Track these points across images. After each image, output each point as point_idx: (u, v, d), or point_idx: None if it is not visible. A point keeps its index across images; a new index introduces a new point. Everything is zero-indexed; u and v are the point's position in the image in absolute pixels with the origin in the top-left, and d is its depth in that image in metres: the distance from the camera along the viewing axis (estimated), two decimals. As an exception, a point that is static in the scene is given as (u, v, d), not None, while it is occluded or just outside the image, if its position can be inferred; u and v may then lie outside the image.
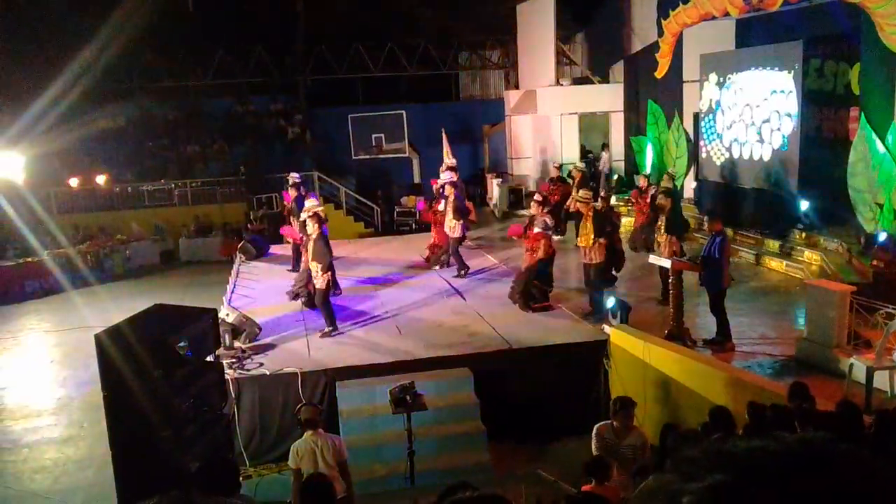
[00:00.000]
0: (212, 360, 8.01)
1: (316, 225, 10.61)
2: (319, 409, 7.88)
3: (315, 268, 10.57)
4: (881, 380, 7.99)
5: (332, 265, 10.79)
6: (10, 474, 9.24)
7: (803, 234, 14.00)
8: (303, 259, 12.04)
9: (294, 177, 14.88)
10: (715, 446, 0.72)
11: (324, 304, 10.66)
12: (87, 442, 9.54)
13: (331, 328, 10.67)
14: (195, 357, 7.21)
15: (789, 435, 0.71)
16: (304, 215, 11.13)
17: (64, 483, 8.86)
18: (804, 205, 14.04)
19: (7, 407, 11.21)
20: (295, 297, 12.29)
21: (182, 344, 6.91)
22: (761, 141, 15.18)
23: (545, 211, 11.44)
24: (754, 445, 0.70)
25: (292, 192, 14.50)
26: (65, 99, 18.59)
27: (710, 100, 16.85)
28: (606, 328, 9.95)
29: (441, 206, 14.02)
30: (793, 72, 14.12)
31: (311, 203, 11.97)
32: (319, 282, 10.55)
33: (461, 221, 13.52)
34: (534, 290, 11.29)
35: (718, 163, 16.69)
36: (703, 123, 17.24)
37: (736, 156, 16.06)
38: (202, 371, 7.41)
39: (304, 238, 11.42)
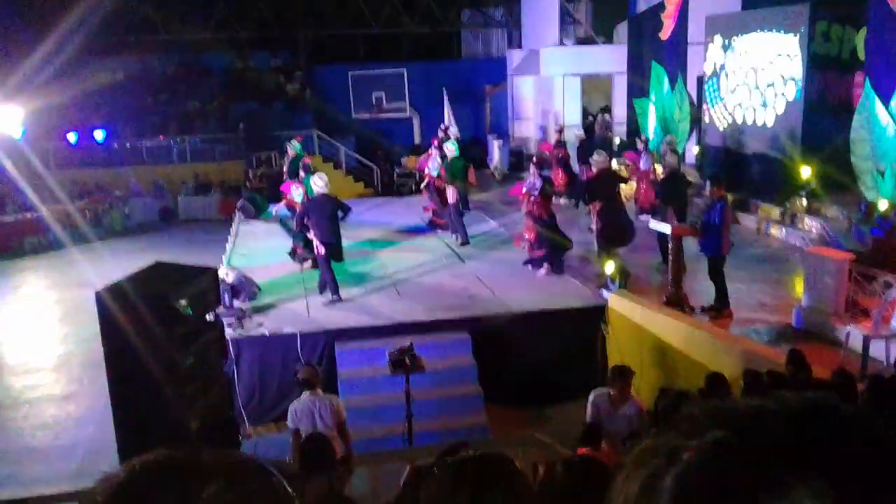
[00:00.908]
0: (212, 319, 8.04)
1: (316, 187, 10.45)
2: (318, 369, 7.92)
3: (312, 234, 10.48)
4: (877, 349, 8.04)
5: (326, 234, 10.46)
6: (11, 430, 9.35)
7: (804, 201, 13.98)
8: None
9: (295, 143, 14.95)
10: (715, 405, 0.73)
11: (326, 271, 10.48)
12: (87, 398, 9.63)
13: (333, 296, 10.46)
14: (195, 316, 7.23)
15: (790, 394, 0.71)
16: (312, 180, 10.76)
17: (64, 439, 8.97)
18: (806, 171, 13.99)
19: (7, 363, 11.30)
20: (293, 253, 12.33)
21: (182, 302, 6.93)
22: (765, 105, 15.07)
23: (540, 173, 11.67)
24: (755, 403, 0.70)
25: (290, 153, 14.56)
26: (62, 52, 18.38)
27: (715, 63, 16.67)
28: (605, 293, 9.99)
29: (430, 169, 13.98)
30: (798, 35, 13.97)
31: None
32: (318, 243, 10.44)
33: (453, 186, 13.42)
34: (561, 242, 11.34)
35: (721, 127, 16.58)
36: (706, 87, 17.09)
37: (739, 120, 15.95)
38: (202, 330, 7.44)
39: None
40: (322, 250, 10.25)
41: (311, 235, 10.54)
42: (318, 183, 10.41)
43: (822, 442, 0.65)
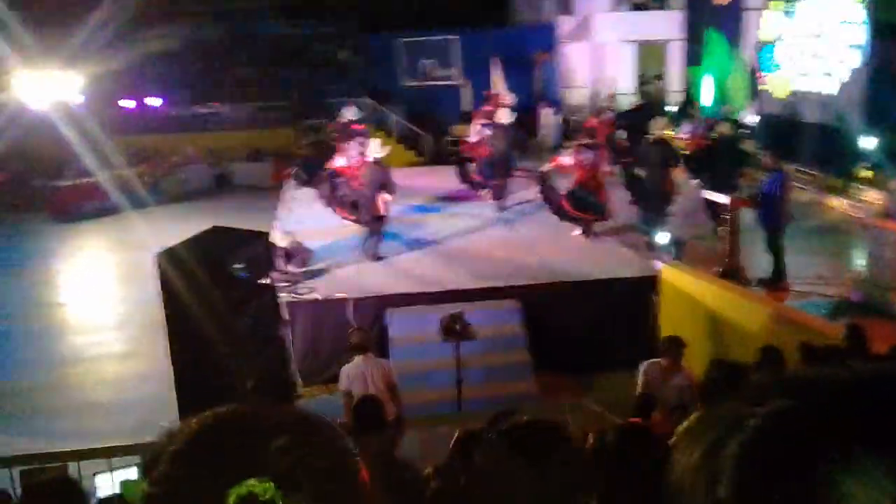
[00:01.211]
0: (266, 282, 8.20)
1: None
2: (370, 333, 8.03)
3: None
4: (939, 324, 7.83)
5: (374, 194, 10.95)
6: (73, 386, 9.68)
7: (867, 173, 13.58)
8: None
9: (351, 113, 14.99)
10: (783, 373, 0.71)
11: (373, 228, 11.03)
12: (147, 357, 9.89)
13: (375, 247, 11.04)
14: (250, 279, 7.38)
15: (860, 364, 0.69)
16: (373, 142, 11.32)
17: (125, 396, 9.26)
18: (869, 142, 13.56)
19: (69, 322, 11.68)
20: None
21: (238, 266, 7.07)
22: (827, 74, 14.61)
23: (581, 145, 11.73)
24: (826, 372, 0.69)
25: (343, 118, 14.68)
26: (116, 19, 18.65)
27: (774, 29, 16.19)
28: (658, 264, 9.88)
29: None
30: (863, 0, 13.48)
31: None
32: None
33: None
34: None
35: (780, 96, 16.15)
36: (764, 54, 16.62)
37: (799, 89, 15.51)
38: (258, 293, 7.60)
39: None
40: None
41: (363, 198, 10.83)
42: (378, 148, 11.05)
43: (893, 414, 0.63)
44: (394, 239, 11.69)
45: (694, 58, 20.19)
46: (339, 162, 11.89)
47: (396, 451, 5.84)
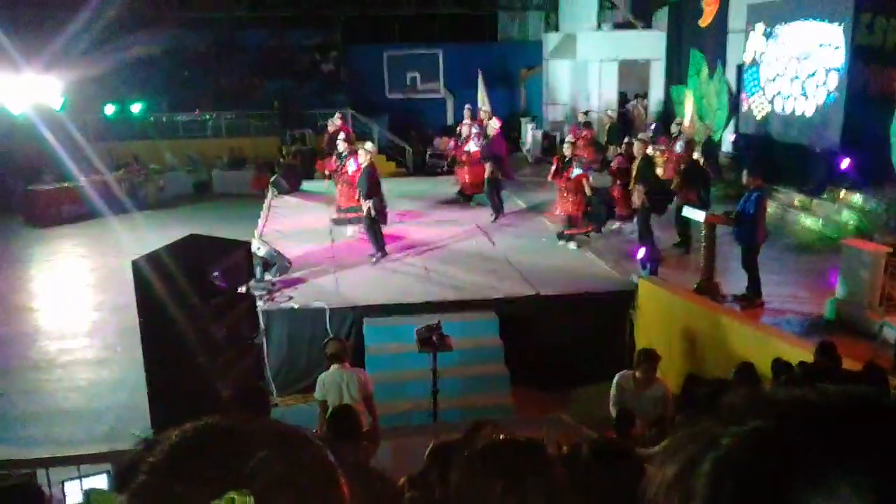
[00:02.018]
0: (244, 291, 8.17)
1: (368, 156, 11.51)
2: (346, 343, 8.02)
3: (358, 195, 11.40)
4: (911, 343, 7.93)
5: (372, 195, 11.24)
6: (46, 392, 9.56)
7: (841, 193, 13.76)
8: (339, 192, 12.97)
9: (337, 120, 15.13)
10: (756, 393, 0.72)
11: (368, 230, 11.40)
12: (120, 365, 9.81)
13: (376, 254, 11.35)
14: (228, 287, 7.35)
15: (831, 386, 0.70)
16: (361, 149, 11.78)
17: (97, 403, 9.16)
18: (845, 163, 13.75)
19: (43, 328, 11.54)
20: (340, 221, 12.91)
21: (216, 274, 7.04)
22: (805, 95, 14.83)
23: (577, 153, 12.13)
24: (797, 394, 0.70)
25: (331, 128, 14.75)
26: (97, 24, 18.57)
27: (755, 51, 16.42)
28: (635, 278, 9.95)
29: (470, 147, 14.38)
30: (843, 24, 13.70)
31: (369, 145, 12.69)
32: (363, 210, 11.22)
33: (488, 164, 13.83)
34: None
35: (759, 116, 16.35)
36: (746, 75, 16.84)
37: (778, 110, 15.71)
38: (235, 301, 7.57)
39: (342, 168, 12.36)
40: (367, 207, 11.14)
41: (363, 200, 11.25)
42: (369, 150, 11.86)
43: (865, 436, 0.64)
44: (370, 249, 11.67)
45: (676, 77, 20.40)
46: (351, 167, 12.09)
47: (371, 460, 5.82)
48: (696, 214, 10.36)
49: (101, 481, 5.37)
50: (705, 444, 0.69)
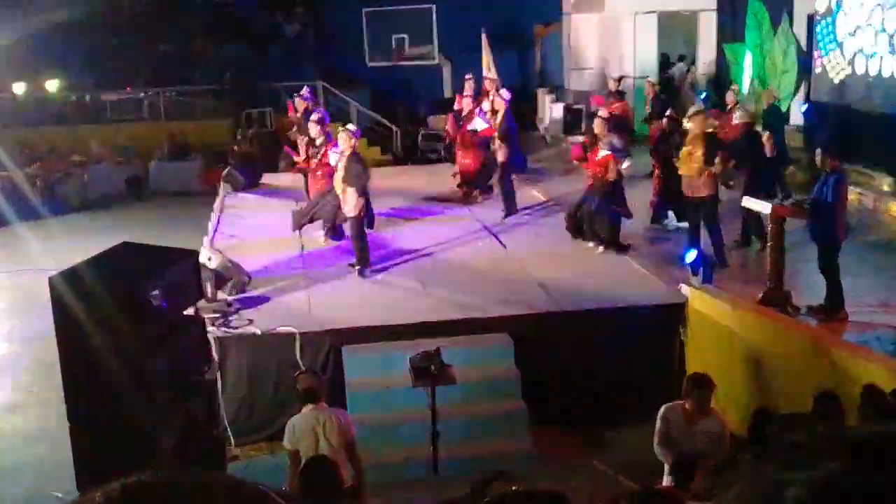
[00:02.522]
0: (191, 314, 8.17)
1: (352, 140, 11.12)
2: (322, 378, 8.02)
3: (348, 192, 10.93)
4: None
5: (365, 192, 11.15)
6: (-55, 447, 9.55)
7: (943, 175, 13.79)
8: (310, 185, 12.89)
9: (305, 94, 15.11)
10: (825, 431, 0.72)
11: (357, 237, 11.15)
12: (37, 410, 9.79)
13: (361, 265, 11.14)
14: (171, 309, 7.34)
15: None
16: (341, 132, 11.45)
17: (10, 459, 9.14)
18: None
19: (-61, 365, 11.53)
20: (299, 227, 12.62)
21: (155, 293, 7.04)
22: (894, 52, 14.85)
23: (610, 130, 11.97)
24: (877, 430, 0.69)
25: (300, 106, 14.71)
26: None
27: (830, -2, 16.48)
28: (684, 288, 9.94)
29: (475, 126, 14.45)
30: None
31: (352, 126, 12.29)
32: (351, 209, 10.91)
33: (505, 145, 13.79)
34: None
35: (837, 80, 16.39)
36: (819, 28, 16.89)
37: (860, 71, 15.75)
38: (180, 327, 7.57)
39: (316, 161, 12.25)
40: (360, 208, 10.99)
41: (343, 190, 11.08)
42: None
43: None
44: (353, 256, 11.67)
45: (731, 33, 20.44)
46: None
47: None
48: (759, 205, 10.36)
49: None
50: (769, 495, 0.68)
